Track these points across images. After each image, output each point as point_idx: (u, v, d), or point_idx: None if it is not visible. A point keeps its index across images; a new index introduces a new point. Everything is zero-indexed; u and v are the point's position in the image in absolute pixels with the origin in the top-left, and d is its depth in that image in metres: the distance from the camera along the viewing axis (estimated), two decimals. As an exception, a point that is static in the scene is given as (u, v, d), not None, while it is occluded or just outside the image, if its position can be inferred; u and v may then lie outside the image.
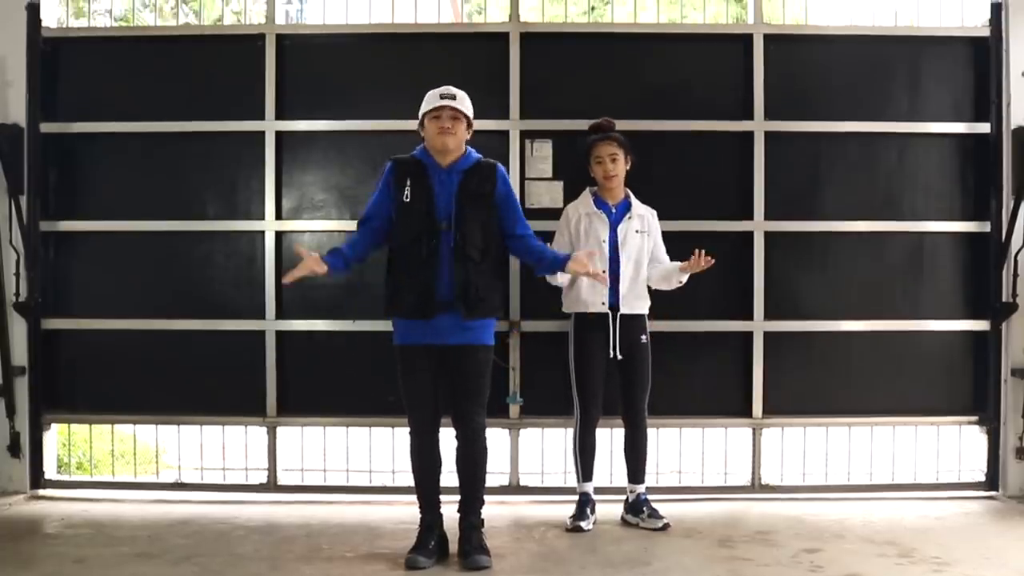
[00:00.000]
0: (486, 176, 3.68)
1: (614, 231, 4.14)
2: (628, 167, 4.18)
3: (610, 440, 4.46)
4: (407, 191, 3.61)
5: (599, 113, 4.59)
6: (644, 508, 4.16)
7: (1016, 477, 4.65)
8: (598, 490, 4.26)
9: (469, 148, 3.73)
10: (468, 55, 4.68)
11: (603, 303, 4.09)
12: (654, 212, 4.24)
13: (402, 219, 3.63)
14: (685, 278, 4.13)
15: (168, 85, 4.69)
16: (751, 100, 4.63)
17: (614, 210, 4.17)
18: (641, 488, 4.21)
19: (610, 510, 4.25)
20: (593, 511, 4.17)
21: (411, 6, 4.77)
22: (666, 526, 4.07)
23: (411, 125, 4.30)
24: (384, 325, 3.83)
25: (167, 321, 4.67)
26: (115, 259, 4.73)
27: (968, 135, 4.69)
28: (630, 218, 4.15)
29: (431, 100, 3.67)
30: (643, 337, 4.17)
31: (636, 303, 4.16)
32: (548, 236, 4.20)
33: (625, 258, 4.12)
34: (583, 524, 4.08)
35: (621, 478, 4.44)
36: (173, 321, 4.67)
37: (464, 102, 3.68)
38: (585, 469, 4.17)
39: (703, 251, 3.96)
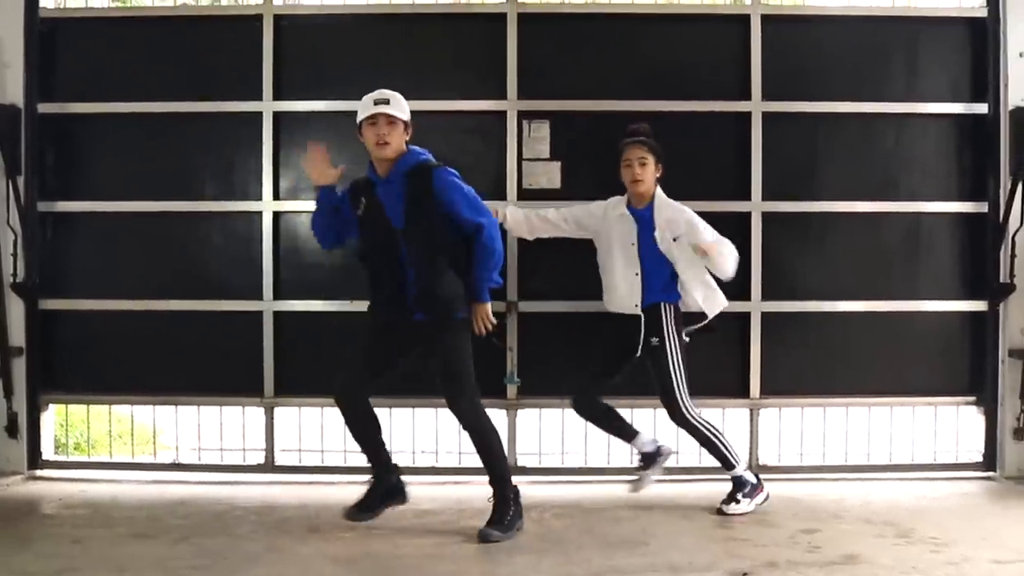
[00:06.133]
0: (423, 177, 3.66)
1: (640, 234, 4.09)
2: (659, 174, 4.11)
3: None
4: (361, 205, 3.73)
5: (596, 94, 4.62)
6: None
7: (1013, 457, 4.65)
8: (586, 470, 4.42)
9: (412, 148, 3.72)
10: (465, 35, 4.68)
11: (636, 305, 4.09)
12: (681, 208, 4.10)
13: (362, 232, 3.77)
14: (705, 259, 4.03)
15: (165, 66, 4.69)
16: (748, 81, 4.62)
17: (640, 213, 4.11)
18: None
19: (606, 490, 4.25)
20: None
21: (409, -14, 4.76)
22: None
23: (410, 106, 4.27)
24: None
25: (165, 302, 4.67)
26: (113, 239, 4.72)
27: (966, 115, 4.68)
28: (651, 222, 4.08)
29: (366, 107, 3.65)
30: (654, 340, 4.10)
31: (653, 297, 4.11)
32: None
33: (644, 260, 4.08)
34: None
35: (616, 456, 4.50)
36: (171, 302, 4.66)
37: (399, 105, 3.67)
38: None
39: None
